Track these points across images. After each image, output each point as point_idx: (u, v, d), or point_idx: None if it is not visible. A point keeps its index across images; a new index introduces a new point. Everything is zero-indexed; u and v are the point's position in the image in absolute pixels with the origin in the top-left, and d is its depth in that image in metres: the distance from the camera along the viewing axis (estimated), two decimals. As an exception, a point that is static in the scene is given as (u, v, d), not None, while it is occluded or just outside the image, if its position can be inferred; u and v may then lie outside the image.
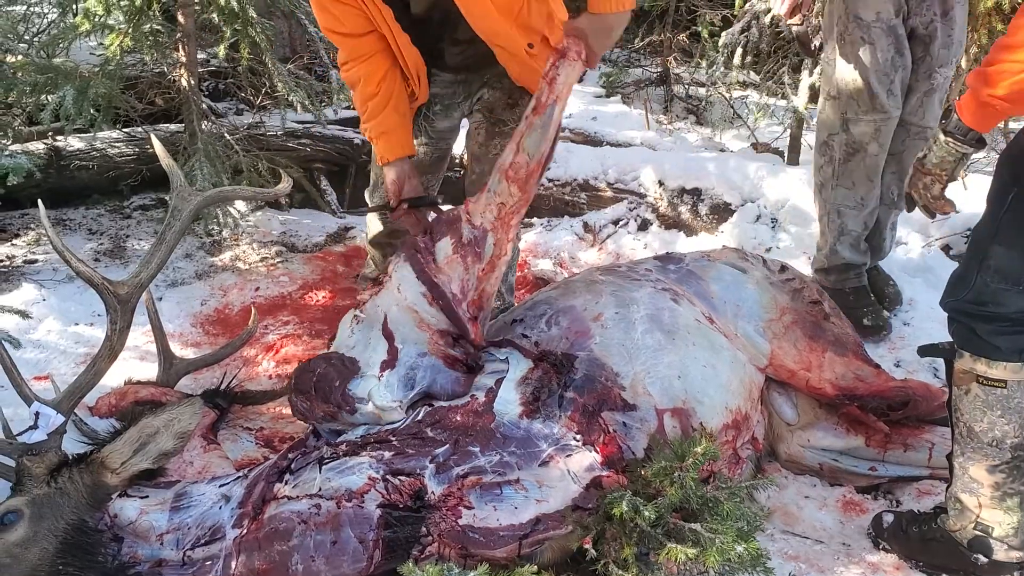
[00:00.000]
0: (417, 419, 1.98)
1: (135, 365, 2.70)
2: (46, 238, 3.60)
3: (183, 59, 3.59)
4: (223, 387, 2.53)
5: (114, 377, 2.19)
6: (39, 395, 1.97)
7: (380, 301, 2.10)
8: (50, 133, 3.86)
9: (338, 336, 2.18)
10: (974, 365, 1.87)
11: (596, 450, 1.91)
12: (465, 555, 1.76)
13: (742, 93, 5.40)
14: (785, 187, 3.70)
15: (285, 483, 1.87)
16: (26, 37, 4.26)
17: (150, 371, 2.40)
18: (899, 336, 3.03)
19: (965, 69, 3.58)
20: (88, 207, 3.98)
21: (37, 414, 1.93)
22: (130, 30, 3.44)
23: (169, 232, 2.15)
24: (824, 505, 2.28)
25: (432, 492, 1.81)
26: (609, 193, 4.01)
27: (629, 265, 2.54)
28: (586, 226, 3.92)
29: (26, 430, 1.93)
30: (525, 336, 2.16)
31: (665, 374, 2.07)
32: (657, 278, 2.35)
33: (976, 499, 1.92)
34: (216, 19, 3.61)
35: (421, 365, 2.02)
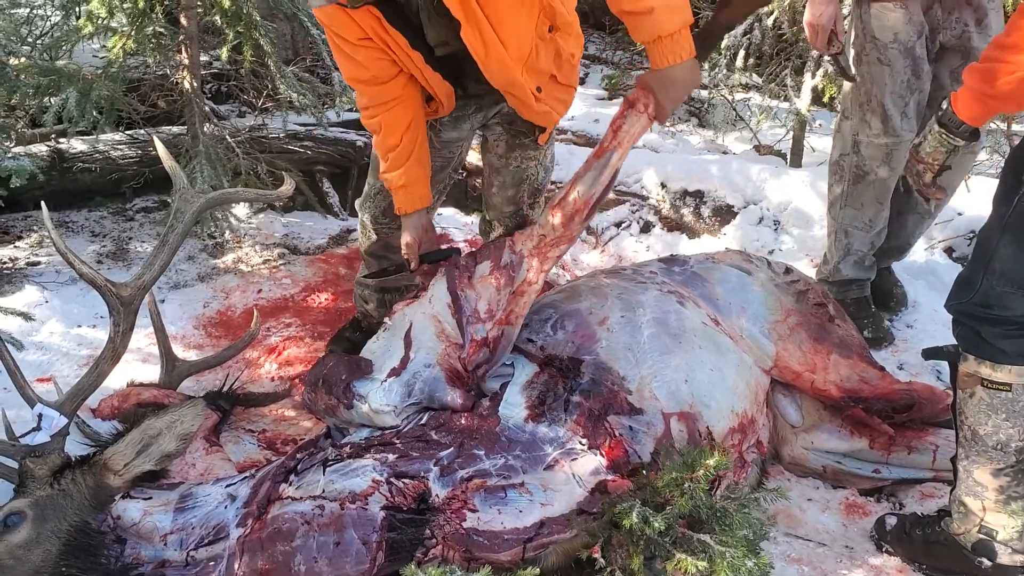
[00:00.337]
0: (421, 422, 1.99)
1: (138, 367, 2.70)
2: (49, 240, 3.62)
3: (186, 62, 3.59)
4: (225, 389, 2.53)
5: (117, 379, 2.19)
6: (42, 397, 1.97)
7: (409, 310, 2.18)
8: (53, 135, 3.86)
9: (368, 342, 2.25)
10: (979, 368, 1.86)
11: (602, 454, 1.91)
12: (469, 558, 1.76)
13: (744, 95, 5.39)
14: (788, 189, 3.69)
15: (290, 484, 1.87)
16: (29, 39, 4.27)
17: (152, 373, 2.40)
18: (902, 339, 3.03)
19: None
20: (91, 209, 3.98)
21: (40, 416, 1.93)
22: (133, 33, 3.45)
23: (171, 234, 2.15)
24: (827, 508, 2.27)
25: (436, 495, 1.81)
26: (611, 195, 4.00)
27: (634, 267, 2.53)
28: (588, 228, 3.92)
29: (29, 432, 1.93)
30: (530, 340, 2.16)
31: (672, 378, 2.07)
32: (662, 280, 2.35)
33: (980, 503, 1.91)
34: (219, 21, 3.61)
35: (422, 376, 2.04)
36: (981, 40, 2.65)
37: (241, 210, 3.99)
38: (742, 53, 4.51)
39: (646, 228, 3.90)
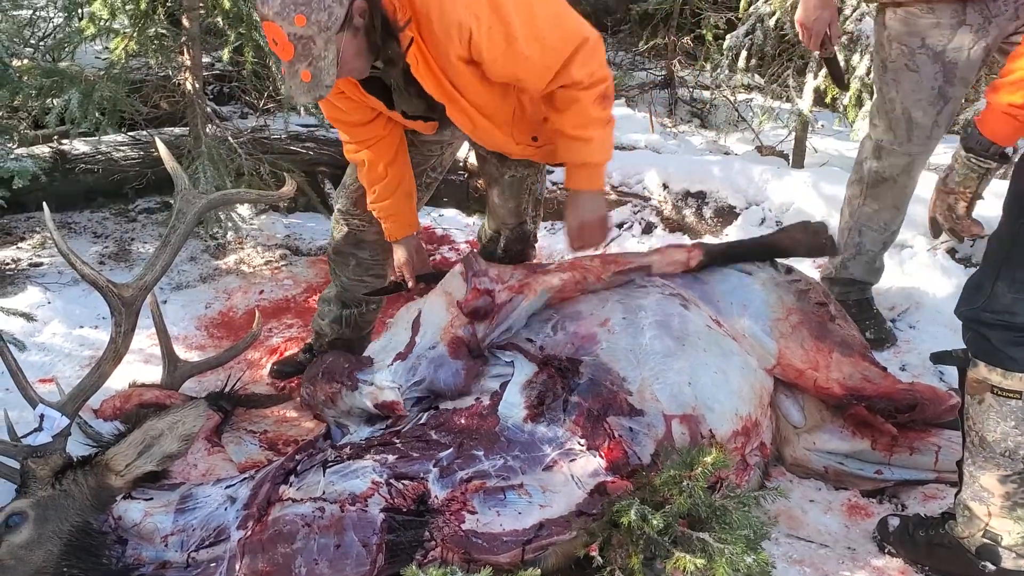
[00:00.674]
0: (420, 422, 1.98)
1: (139, 368, 2.70)
2: (51, 241, 3.63)
3: (188, 63, 3.60)
4: (227, 390, 2.53)
5: (118, 380, 2.19)
6: (44, 397, 1.97)
7: (417, 303, 2.24)
8: (55, 137, 3.88)
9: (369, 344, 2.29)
10: (989, 375, 1.83)
11: (601, 455, 1.90)
12: (468, 560, 1.76)
13: (746, 96, 5.38)
14: (790, 190, 3.68)
15: (290, 485, 1.87)
16: (32, 41, 4.28)
17: (154, 374, 2.40)
18: (904, 340, 3.02)
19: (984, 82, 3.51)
20: (93, 210, 4.00)
21: (42, 416, 1.94)
22: (135, 34, 3.45)
23: (173, 235, 2.16)
24: (829, 509, 2.26)
25: (435, 496, 1.81)
26: (613, 196, 4.00)
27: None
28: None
29: (31, 432, 1.93)
30: (530, 340, 2.16)
31: (675, 380, 2.07)
32: (664, 282, 2.35)
33: (986, 507, 1.90)
34: (220, 23, 3.61)
35: (427, 357, 2.06)
36: None
37: (243, 211, 4.00)
38: (744, 54, 4.49)
39: (648, 229, 3.89)
